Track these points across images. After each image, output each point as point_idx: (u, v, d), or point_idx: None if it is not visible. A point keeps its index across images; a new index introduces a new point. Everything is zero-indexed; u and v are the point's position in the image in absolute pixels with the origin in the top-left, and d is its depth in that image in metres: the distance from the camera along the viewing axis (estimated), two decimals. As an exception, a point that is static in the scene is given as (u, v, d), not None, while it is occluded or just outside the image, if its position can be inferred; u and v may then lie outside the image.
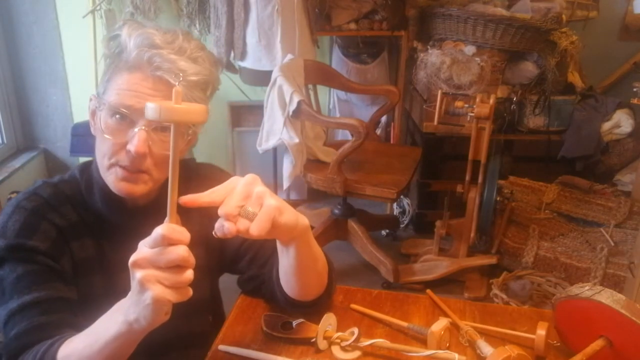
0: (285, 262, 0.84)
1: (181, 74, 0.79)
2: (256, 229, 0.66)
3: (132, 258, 0.64)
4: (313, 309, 0.92)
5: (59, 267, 0.83)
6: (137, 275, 0.63)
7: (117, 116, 0.80)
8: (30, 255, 0.82)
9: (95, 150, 0.86)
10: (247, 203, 0.67)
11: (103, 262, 0.89)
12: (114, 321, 0.68)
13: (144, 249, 0.64)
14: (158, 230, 0.62)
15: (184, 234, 0.63)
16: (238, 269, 1.01)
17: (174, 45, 0.80)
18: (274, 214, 0.68)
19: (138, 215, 0.89)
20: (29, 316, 0.78)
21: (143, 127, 0.79)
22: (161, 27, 0.83)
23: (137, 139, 0.79)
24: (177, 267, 0.63)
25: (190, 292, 0.65)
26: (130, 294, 0.66)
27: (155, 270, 0.63)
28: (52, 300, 0.81)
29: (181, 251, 0.62)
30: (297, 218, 0.75)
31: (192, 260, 0.64)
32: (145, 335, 0.70)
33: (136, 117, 0.80)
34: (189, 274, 0.64)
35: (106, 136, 0.81)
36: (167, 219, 0.64)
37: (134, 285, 0.64)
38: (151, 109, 0.61)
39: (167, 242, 0.62)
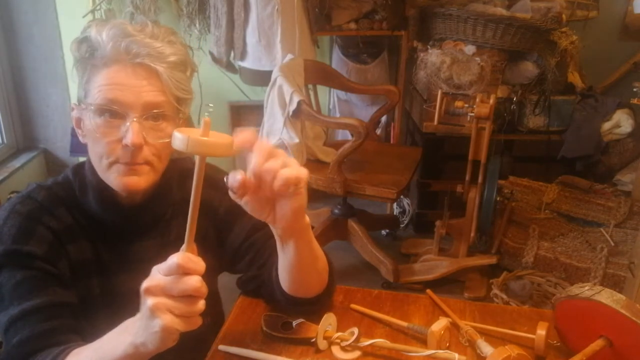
0: (285, 260, 0.84)
1: (160, 56, 0.80)
2: (288, 172, 0.65)
3: (145, 284, 0.64)
4: (313, 308, 0.92)
5: (57, 271, 0.83)
6: (148, 302, 0.63)
7: (106, 114, 0.80)
8: (28, 261, 0.81)
9: (90, 155, 0.86)
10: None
11: (100, 263, 0.89)
12: (122, 341, 0.68)
13: (157, 275, 0.64)
14: (174, 259, 0.62)
15: (199, 264, 0.63)
16: (237, 269, 1.01)
17: (146, 32, 0.81)
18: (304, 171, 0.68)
19: (133, 214, 0.89)
20: (31, 323, 0.78)
21: (135, 119, 0.80)
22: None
23: (131, 131, 0.79)
24: (190, 296, 0.63)
25: (200, 321, 0.66)
26: (139, 316, 0.66)
27: (166, 299, 0.63)
28: (53, 306, 0.81)
29: (194, 282, 0.63)
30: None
31: (204, 290, 0.64)
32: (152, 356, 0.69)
33: (124, 110, 0.80)
34: (201, 305, 0.64)
35: (98, 135, 0.81)
36: (183, 247, 0.64)
37: (144, 310, 0.64)
38: (179, 139, 0.60)
39: (182, 271, 0.62)
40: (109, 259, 0.89)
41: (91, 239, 0.88)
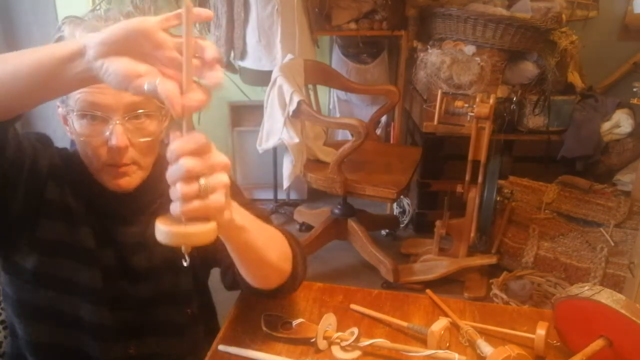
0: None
1: None
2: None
3: None
4: (276, 297, 0.91)
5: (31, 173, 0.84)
6: None
7: (88, 117, 0.81)
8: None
9: (79, 152, 0.87)
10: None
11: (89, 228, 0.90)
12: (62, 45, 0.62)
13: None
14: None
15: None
16: (219, 259, 0.97)
17: None
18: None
19: (119, 202, 0.90)
20: None
21: (117, 122, 0.80)
22: (101, 15, 0.82)
23: (115, 134, 0.80)
24: None
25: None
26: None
27: None
28: None
29: None
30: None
31: None
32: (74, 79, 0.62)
33: (106, 113, 0.80)
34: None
35: (83, 139, 0.82)
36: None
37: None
38: (162, 233, 0.60)
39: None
40: (94, 230, 0.90)
41: (86, 204, 0.90)
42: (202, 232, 0.60)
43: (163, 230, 0.60)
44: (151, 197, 0.93)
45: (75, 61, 0.60)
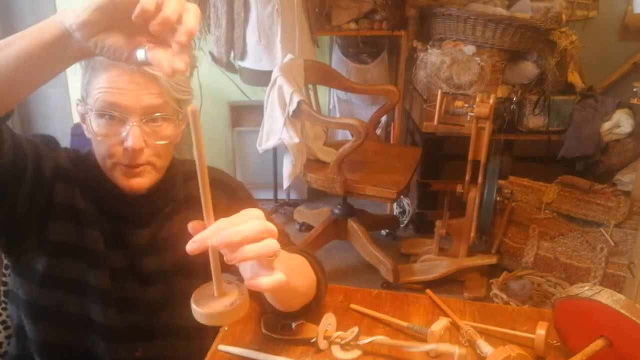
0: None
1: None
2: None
3: None
4: (301, 317, 0.91)
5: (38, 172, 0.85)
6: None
7: (106, 116, 0.81)
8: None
9: (94, 151, 0.88)
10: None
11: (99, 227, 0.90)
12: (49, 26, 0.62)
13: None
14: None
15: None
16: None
17: None
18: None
19: (132, 205, 0.90)
20: None
21: (135, 124, 0.80)
22: None
23: (131, 135, 0.80)
24: None
25: None
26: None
27: None
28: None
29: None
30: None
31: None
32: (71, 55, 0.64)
33: (124, 113, 0.80)
34: None
35: (99, 139, 0.83)
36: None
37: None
38: (199, 315, 0.64)
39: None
40: (103, 232, 0.90)
41: (96, 206, 0.90)
42: (236, 309, 0.64)
43: (200, 313, 0.63)
44: (164, 200, 0.93)
45: (62, 43, 0.61)
